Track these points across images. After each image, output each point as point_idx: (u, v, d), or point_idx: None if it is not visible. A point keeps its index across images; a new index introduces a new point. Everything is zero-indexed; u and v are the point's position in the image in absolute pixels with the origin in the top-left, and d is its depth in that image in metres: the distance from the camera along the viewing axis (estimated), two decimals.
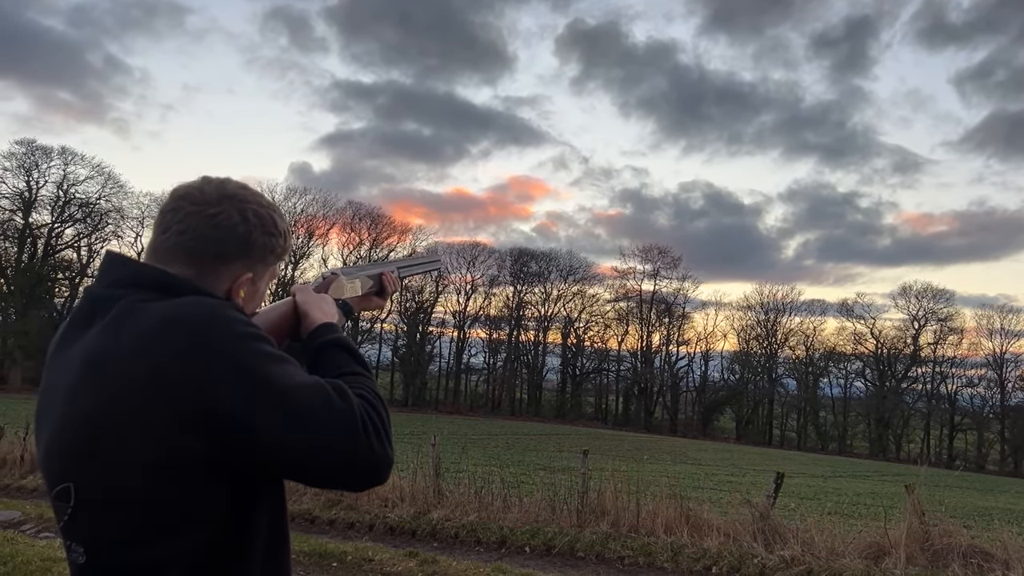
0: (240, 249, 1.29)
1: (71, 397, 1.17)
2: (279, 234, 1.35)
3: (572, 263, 69.60)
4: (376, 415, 1.21)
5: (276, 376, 1.13)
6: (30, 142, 53.07)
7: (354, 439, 1.15)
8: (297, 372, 1.18)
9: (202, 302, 1.18)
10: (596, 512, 9.12)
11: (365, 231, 63.91)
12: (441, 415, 54.87)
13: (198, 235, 1.25)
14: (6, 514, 9.08)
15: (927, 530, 8.12)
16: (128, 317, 1.17)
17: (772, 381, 69.65)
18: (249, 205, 1.31)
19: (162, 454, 1.10)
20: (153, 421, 1.10)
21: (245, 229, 1.29)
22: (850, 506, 14.64)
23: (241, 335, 1.15)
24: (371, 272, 1.88)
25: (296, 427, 1.12)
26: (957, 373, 64.93)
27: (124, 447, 1.11)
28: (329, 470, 1.16)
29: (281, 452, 1.13)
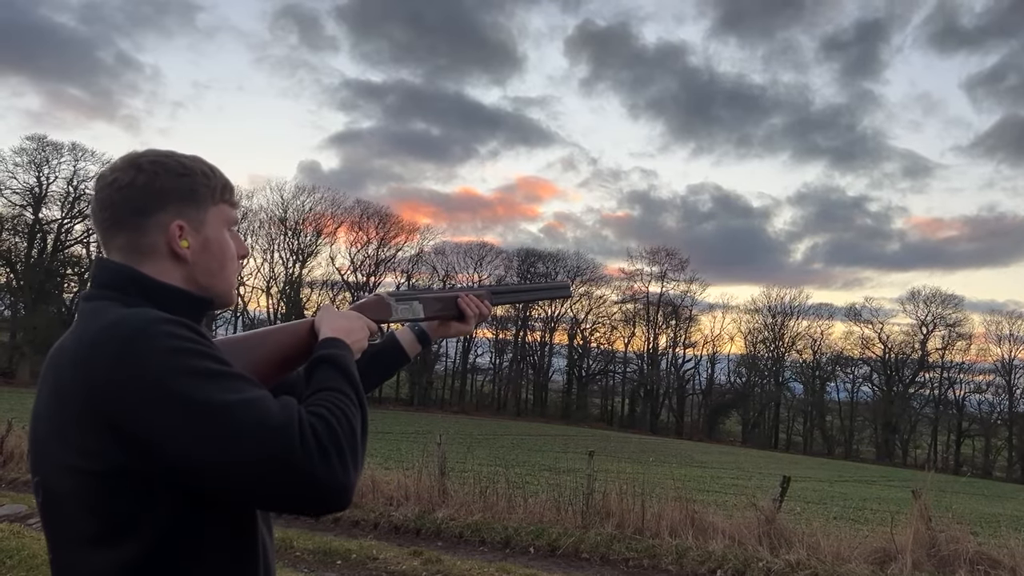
0: (151, 199, 1.25)
1: (38, 392, 1.20)
2: (192, 172, 1.29)
3: (579, 264, 69.66)
4: (327, 430, 1.12)
5: (201, 393, 1.07)
6: (41, 138, 53.43)
7: (286, 460, 1.06)
8: (230, 388, 1.09)
9: (139, 313, 1.15)
10: (601, 513, 9.11)
11: (373, 230, 64.06)
12: (447, 415, 54.94)
13: (110, 204, 1.25)
14: (13, 508, 9.12)
15: (934, 536, 8.08)
16: (82, 321, 1.18)
17: (779, 385, 69.45)
18: (144, 158, 1.28)
19: (93, 462, 1.09)
20: (83, 427, 1.10)
21: (145, 179, 1.25)
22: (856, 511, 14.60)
23: (170, 350, 1.09)
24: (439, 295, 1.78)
25: (215, 446, 1.05)
26: (965, 379, 64.78)
27: (64, 449, 1.12)
28: (261, 492, 1.08)
29: (204, 471, 1.07)
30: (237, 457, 1.06)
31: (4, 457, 12.69)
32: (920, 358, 65.17)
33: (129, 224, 1.25)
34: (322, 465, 1.08)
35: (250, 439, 1.06)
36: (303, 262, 61.94)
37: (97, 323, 1.15)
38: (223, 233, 1.34)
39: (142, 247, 1.25)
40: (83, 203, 54.43)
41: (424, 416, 48.14)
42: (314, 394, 1.21)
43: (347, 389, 1.24)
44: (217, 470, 1.06)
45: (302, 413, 1.12)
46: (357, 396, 1.25)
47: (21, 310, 52.66)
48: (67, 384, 1.12)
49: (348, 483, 1.12)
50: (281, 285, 61.08)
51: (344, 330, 1.42)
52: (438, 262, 66.50)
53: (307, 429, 1.10)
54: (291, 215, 61.31)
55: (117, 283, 1.23)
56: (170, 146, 1.35)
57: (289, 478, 1.07)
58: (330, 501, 1.11)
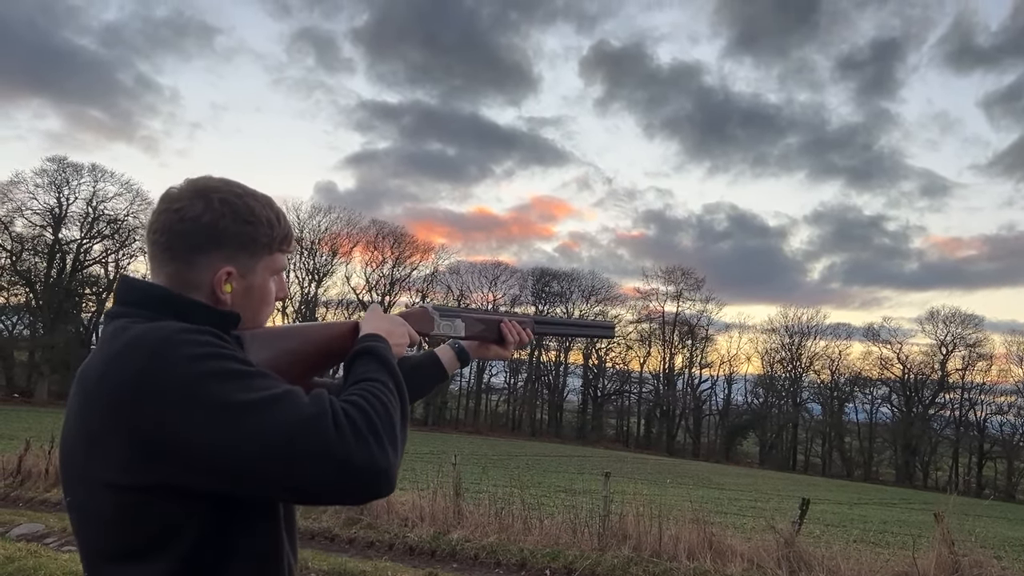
0: (210, 239, 1.25)
1: (67, 412, 1.21)
2: (258, 220, 1.30)
3: (594, 283, 69.54)
4: (361, 415, 1.12)
5: (228, 394, 1.07)
6: (61, 159, 54.06)
7: (321, 448, 1.06)
8: (257, 387, 1.10)
9: (162, 327, 1.15)
10: (618, 536, 9.02)
11: (388, 249, 64.34)
12: (461, 434, 54.75)
13: (168, 232, 1.25)
14: (30, 527, 9.15)
15: (957, 560, 7.94)
16: (109, 339, 1.19)
17: (796, 405, 68.85)
18: (217, 194, 1.27)
19: (125, 477, 1.10)
20: (112, 444, 1.11)
21: (211, 217, 1.25)
22: (877, 534, 14.38)
23: (193, 356, 1.10)
24: (482, 316, 1.78)
25: (248, 444, 1.06)
26: (986, 400, 63.82)
27: (93, 466, 1.13)
28: (300, 484, 1.08)
29: (240, 471, 1.07)
30: (272, 452, 1.06)
31: (22, 476, 12.75)
32: (940, 379, 64.43)
33: (181, 257, 1.26)
34: (359, 449, 1.08)
35: (282, 432, 1.06)
36: (319, 281, 62.30)
37: (122, 339, 1.16)
38: (268, 281, 1.35)
39: (187, 280, 1.26)
40: (102, 223, 55.06)
41: (438, 436, 48.01)
42: (352, 385, 1.22)
43: (385, 378, 1.24)
44: (254, 468, 1.07)
45: (335, 402, 1.12)
46: (396, 385, 1.25)
47: (40, 330, 53.11)
48: (95, 400, 1.13)
49: (387, 466, 1.11)
50: (297, 304, 61.33)
51: (386, 330, 1.42)
52: (453, 281, 66.71)
53: (340, 416, 1.09)
54: (307, 235, 61.72)
55: (145, 301, 1.24)
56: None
57: (326, 466, 1.06)
58: (370, 486, 1.10)
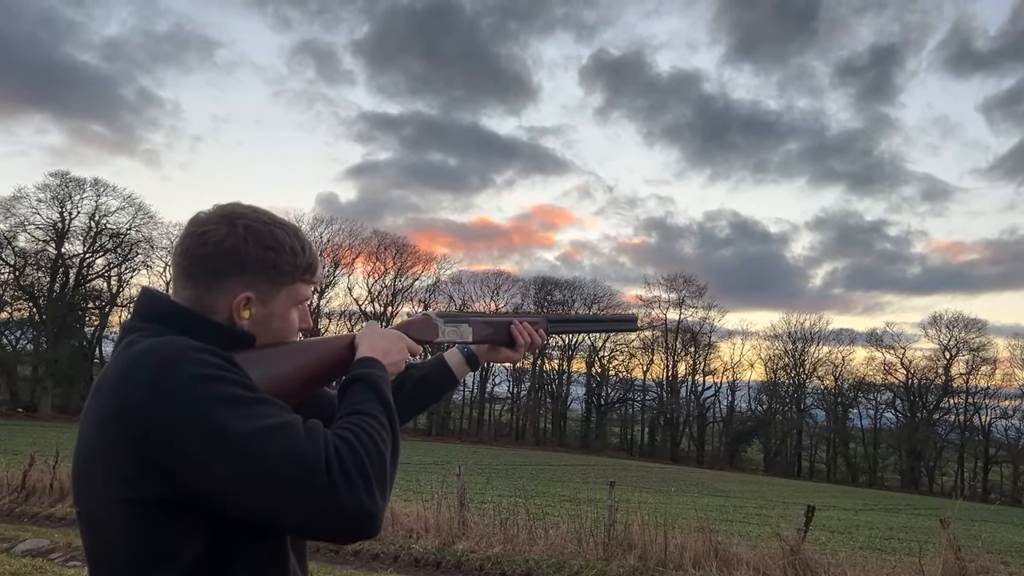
0: (231, 264, 1.26)
1: (81, 422, 1.22)
2: (280, 248, 1.30)
3: (596, 292, 69.49)
4: (353, 457, 1.11)
5: (228, 420, 1.08)
6: (64, 174, 54.16)
7: (311, 486, 1.06)
8: (258, 415, 1.10)
9: (172, 342, 1.16)
10: (623, 545, 9.01)
11: (390, 260, 64.37)
12: (465, 444, 54.63)
13: (191, 255, 1.26)
14: (35, 542, 9.14)
15: (963, 566, 7.92)
16: (123, 351, 1.20)
17: (800, 412, 68.66)
18: (242, 220, 1.28)
19: (132, 490, 1.12)
20: (120, 455, 1.12)
21: (233, 243, 1.26)
22: (883, 540, 14.34)
23: (198, 377, 1.11)
24: (490, 319, 1.74)
25: (241, 472, 1.06)
26: (991, 404, 63.62)
27: (101, 477, 1.15)
28: (286, 517, 1.09)
29: (230, 497, 1.09)
30: (263, 483, 1.07)
31: (27, 492, 12.74)
32: (944, 383, 64.24)
33: (201, 281, 1.27)
34: (347, 491, 1.08)
35: (276, 465, 1.07)
36: (321, 293, 62.23)
37: (132, 351, 1.17)
38: (290, 311, 1.35)
39: (205, 304, 1.27)
40: (104, 237, 55.17)
41: (442, 446, 47.94)
42: (345, 416, 1.21)
43: (378, 412, 1.23)
44: (244, 496, 1.08)
45: (328, 438, 1.12)
46: (389, 420, 1.24)
47: (43, 344, 53.14)
48: (106, 412, 1.15)
49: (374, 510, 1.11)
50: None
51: (382, 350, 1.41)
52: (455, 291, 66.70)
53: (332, 455, 1.09)
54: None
55: (160, 316, 1.26)
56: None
57: (314, 504, 1.07)
58: (356, 528, 1.10)
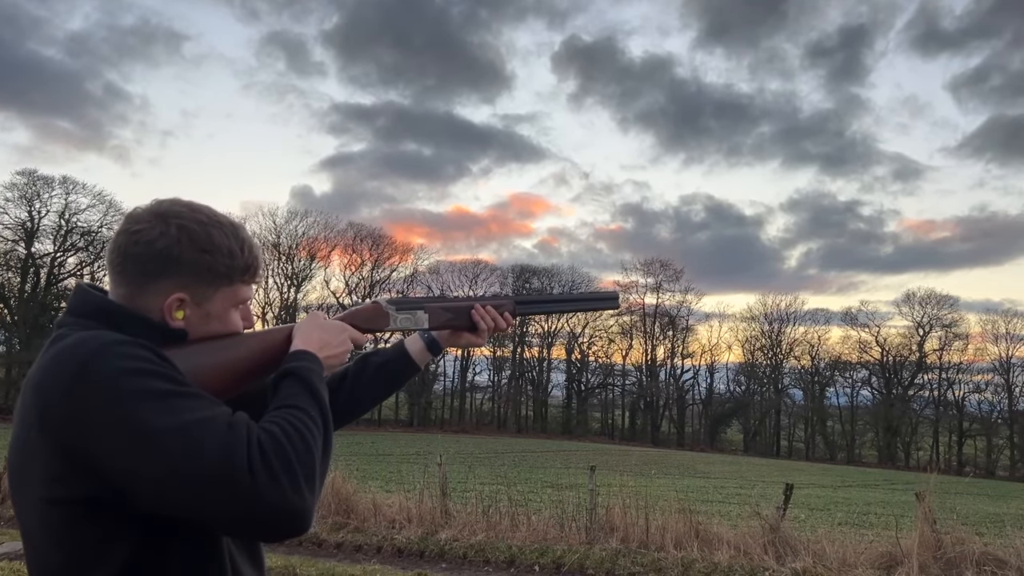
0: (163, 266, 1.23)
1: (13, 422, 1.19)
2: (216, 250, 1.26)
3: (574, 278, 69.63)
4: (278, 452, 1.08)
5: (149, 415, 1.06)
6: (31, 172, 53.28)
7: (231, 481, 1.04)
8: (181, 408, 1.08)
9: (97, 336, 1.13)
10: (605, 529, 9.07)
11: (367, 252, 64.15)
12: (447, 434, 54.69)
13: (123, 254, 1.24)
14: (12, 546, 9.04)
15: (939, 538, 8.05)
16: (47, 347, 1.17)
17: (778, 392, 69.43)
18: (176, 219, 1.25)
19: (56, 490, 1.10)
20: (42, 454, 1.10)
21: (165, 244, 1.22)
22: (860, 516, 14.55)
23: (121, 371, 1.08)
24: (449, 304, 1.67)
25: (161, 468, 1.04)
26: (964, 379, 64.81)
27: (31, 479, 1.12)
28: (209, 514, 1.06)
29: (151, 493, 1.06)
30: (183, 479, 1.04)
31: (3, 495, 12.59)
32: (918, 360, 65.22)
33: (134, 281, 1.24)
34: (270, 487, 1.05)
35: (196, 461, 1.04)
36: (298, 286, 61.94)
37: (57, 347, 1.14)
38: (228, 312, 1.33)
39: (137, 304, 1.25)
40: (75, 236, 54.41)
41: (424, 437, 47.95)
42: (274, 410, 1.18)
43: (308, 406, 1.20)
44: (167, 494, 1.06)
45: (253, 432, 1.09)
46: (321, 413, 1.21)
47: (16, 346, 52.43)
48: (29, 411, 1.12)
49: (300, 506, 1.08)
50: (276, 311, 60.96)
51: (318, 342, 1.37)
52: (433, 281, 66.55)
53: (255, 449, 1.07)
54: (284, 240, 61.38)
55: (89, 312, 1.23)
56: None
57: (236, 500, 1.04)
58: (282, 525, 1.07)
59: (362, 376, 1.68)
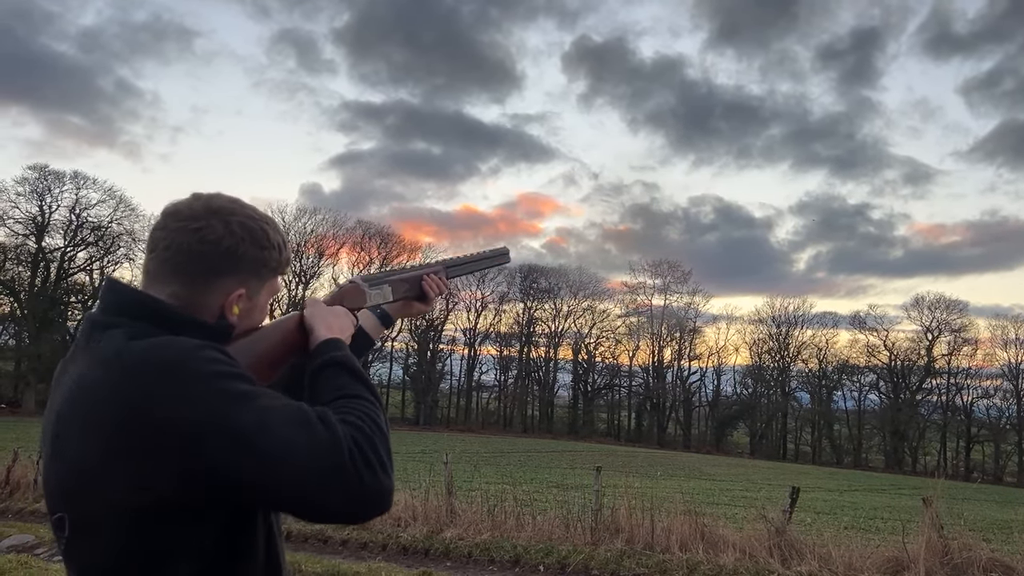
0: (228, 263, 1.26)
1: (63, 425, 1.17)
2: (271, 246, 1.32)
3: (582, 279, 69.68)
4: (367, 442, 1.15)
5: (247, 416, 1.09)
6: (43, 167, 53.55)
7: (339, 472, 1.10)
8: (272, 407, 1.12)
9: (173, 343, 1.15)
10: (610, 529, 9.06)
11: (375, 250, 64.15)
12: (453, 433, 54.74)
13: (184, 251, 1.24)
14: (20, 538, 9.09)
15: (946, 544, 8.02)
16: (114, 352, 1.16)
17: (785, 395, 69.19)
18: (236, 217, 1.28)
19: (138, 496, 1.10)
20: (127, 463, 1.10)
21: (232, 242, 1.26)
22: (867, 520, 14.50)
23: (213, 375, 1.12)
24: (404, 276, 1.79)
25: (272, 467, 1.08)
26: (972, 384, 64.42)
27: (104, 485, 1.11)
28: (318, 506, 1.11)
29: (260, 493, 1.10)
30: (294, 475, 1.08)
31: (11, 487, 12.65)
32: (926, 364, 64.90)
33: (197, 279, 1.26)
34: (369, 475, 1.12)
35: (305, 457, 1.09)
36: (306, 284, 62.04)
37: (131, 352, 1.14)
38: (267, 302, 1.38)
39: (196, 302, 1.26)
40: (85, 231, 54.64)
41: (430, 435, 47.99)
42: (337, 400, 1.24)
43: (367, 394, 1.27)
44: (274, 489, 1.09)
45: (342, 426, 1.15)
46: (376, 399, 1.28)
47: (25, 339, 52.64)
48: (106, 418, 1.11)
49: (391, 486, 1.16)
50: (284, 308, 61.11)
51: (338, 328, 1.44)
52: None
53: (350, 441, 1.13)
54: (293, 237, 61.40)
55: (143, 314, 1.23)
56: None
57: (345, 490, 1.10)
58: (380, 507, 1.15)
59: None
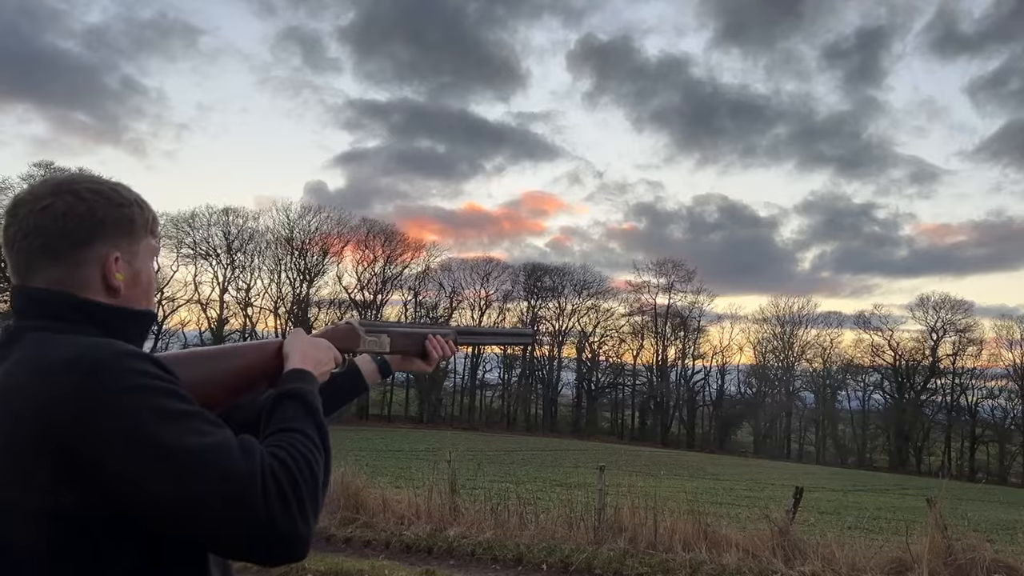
0: (90, 229, 1.21)
1: None
2: (128, 203, 1.27)
3: (586, 277, 69.59)
4: (289, 480, 1.10)
5: (167, 435, 1.05)
6: (48, 164, 53.46)
7: (245, 506, 1.05)
8: (196, 431, 1.08)
9: (99, 346, 1.11)
10: (613, 529, 9.05)
11: (379, 248, 64.15)
12: (456, 431, 54.75)
13: (43, 233, 1.19)
14: None
15: (950, 544, 8.00)
16: (31, 353, 1.12)
17: (789, 394, 69.13)
18: (81, 185, 1.24)
19: (46, 500, 1.06)
20: (35, 467, 1.06)
21: (85, 207, 1.21)
22: (871, 520, 14.47)
23: (137, 388, 1.07)
24: (408, 330, 1.76)
25: (177, 490, 1.04)
26: (977, 384, 64.24)
27: (13, 489, 1.07)
28: (219, 539, 1.07)
29: (163, 516, 1.06)
30: (199, 502, 1.04)
31: None
32: (931, 364, 64.75)
33: (67, 256, 1.20)
34: (283, 514, 1.07)
35: (212, 486, 1.05)
36: (310, 281, 62.10)
37: (54, 355, 1.10)
38: (151, 266, 1.32)
39: (76, 280, 1.21)
40: None
41: (434, 433, 48.07)
42: (278, 432, 1.20)
43: (311, 431, 1.22)
44: (176, 516, 1.06)
45: (264, 458, 1.10)
46: (321, 439, 1.23)
47: None
48: (22, 417, 1.07)
49: (306, 534, 1.10)
50: (289, 305, 61.18)
51: (314, 360, 1.40)
52: (445, 278, 66.62)
53: (268, 476, 1.08)
54: (297, 235, 61.53)
55: (57, 312, 1.19)
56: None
57: (249, 525, 1.06)
58: (287, 551, 1.09)
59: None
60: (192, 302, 59.10)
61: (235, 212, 59.99)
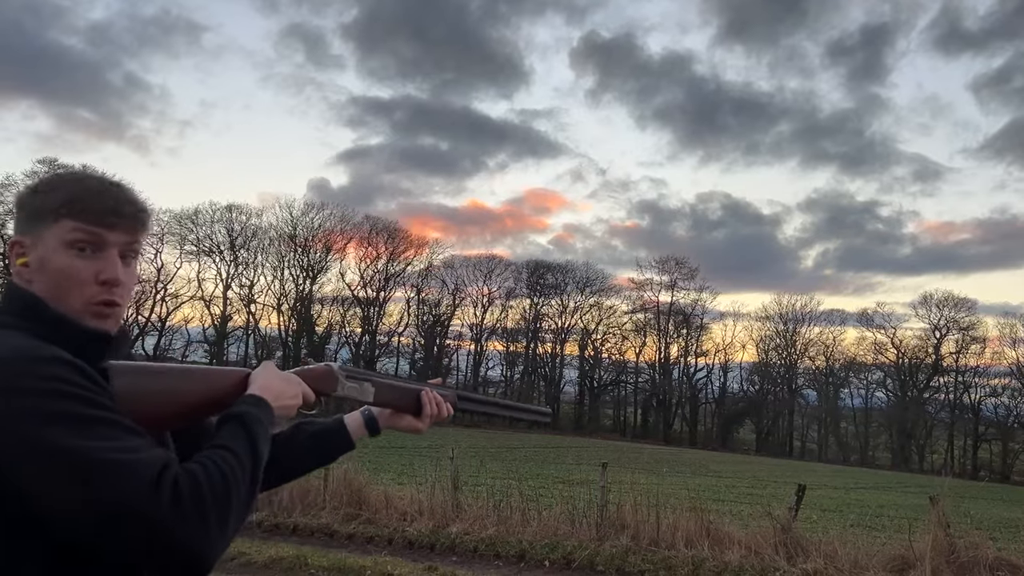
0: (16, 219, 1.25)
1: None
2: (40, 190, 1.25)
3: (589, 275, 69.53)
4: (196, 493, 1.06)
5: (64, 439, 1.02)
6: (52, 161, 53.38)
7: (142, 513, 1.02)
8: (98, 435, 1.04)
9: (22, 349, 1.08)
10: (616, 525, 9.06)
11: (382, 245, 64.14)
12: (459, 428, 54.78)
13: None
14: None
15: (952, 542, 8.00)
16: None
17: (792, 392, 69.10)
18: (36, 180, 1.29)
19: None
20: None
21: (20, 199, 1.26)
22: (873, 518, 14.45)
23: (42, 391, 1.05)
24: (397, 383, 1.66)
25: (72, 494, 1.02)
26: (980, 383, 64.24)
27: None
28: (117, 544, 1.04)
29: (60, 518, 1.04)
30: (93, 507, 1.02)
31: None
32: (934, 363, 64.71)
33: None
34: (179, 525, 1.04)
35: (108, 489, 1.02)
36: (313, 278, 62.12)
37: None
38: (63, 254, 1.21)
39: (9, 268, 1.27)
40: None
41: (436, 430, 47.93)
42: (207, 449, 1.17)
43: (241, 451, 1.18)
44: (73, 522, 1.04)
45: (171, 468, 1.07)
46: (252, 461, 1.19)
47: None
48: None
49: (207, 549, 1.07)
50: (292, 302, 61.25)
51: (274, 391, 1.36)
52: (447, 276, 66.63)
53: (169, 485, 1.05)
54: (300, 232, 61.55)
55: (14, 307, 1.21)
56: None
57: (144, 533, 1.03)
58: (185, 564, 1.05)
59: (292, 443, 1.64)
60: (195, 299, 59.18)
61: (238, 209, 60.14)
